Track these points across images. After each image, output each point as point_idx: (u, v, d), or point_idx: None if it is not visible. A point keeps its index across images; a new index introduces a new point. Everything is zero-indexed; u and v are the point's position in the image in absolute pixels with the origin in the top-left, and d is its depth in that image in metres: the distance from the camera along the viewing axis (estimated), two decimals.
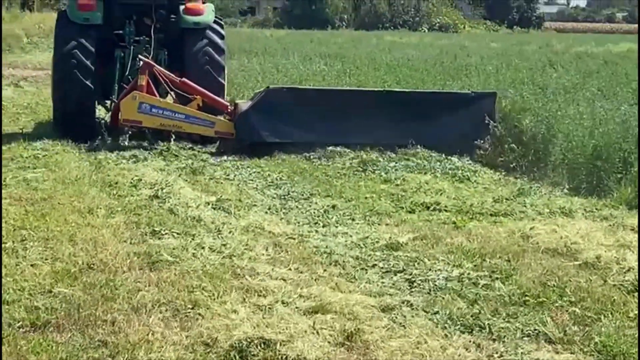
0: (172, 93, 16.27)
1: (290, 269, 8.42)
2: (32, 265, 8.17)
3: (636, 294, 7.93)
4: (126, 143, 15.23)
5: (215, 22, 16.87)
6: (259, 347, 6.38)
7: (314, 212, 10.92)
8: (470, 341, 6.78)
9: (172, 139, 15.31)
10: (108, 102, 16.92)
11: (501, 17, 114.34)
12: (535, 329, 6.97)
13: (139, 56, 15.78)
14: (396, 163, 14.17)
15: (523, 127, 14.54)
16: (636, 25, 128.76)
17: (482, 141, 15.02)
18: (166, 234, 9.48)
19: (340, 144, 15.09)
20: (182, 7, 16.69)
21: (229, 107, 15.92)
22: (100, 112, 17.65)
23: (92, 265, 8.23)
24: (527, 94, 16.61)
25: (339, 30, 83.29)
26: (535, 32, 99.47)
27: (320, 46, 40.65)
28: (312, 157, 14.66)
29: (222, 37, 16.77)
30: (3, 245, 8.77)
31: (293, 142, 15.11)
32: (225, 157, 14.56)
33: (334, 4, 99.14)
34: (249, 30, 71.46)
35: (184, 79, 15.77)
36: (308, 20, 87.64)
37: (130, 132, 15.49)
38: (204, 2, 17.15)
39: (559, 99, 16.46)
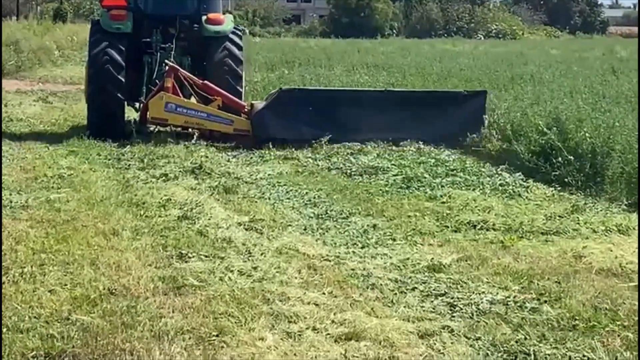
0: (195, 94, 18.36)
1: (323, 293, 8.37)
2: (50, 291, 8.18)
3: None
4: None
5: (234, 29, 19.54)
6: None
7: (353, 232, 10.86)
8: None
9: (195, 136, 17.79)
10: (137, 103, 19.16)
11: (562, 22, 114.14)
12: (584, 356, 6.90)
13: (165, 61, 18.35)
14: (442, 179, 14.13)
15: (578, 138, 14.40)
16: None
17: (474, 134, 17.15)
18: (194, 256, 9.47)
19: (349, 139, 17.25)
20: (204, 18, 19.34)
21: (246, 107, 18.33)
22: (130, 114, 19.66)
23: (113, 291, 8.24)
24: (583, 104, 16.52)
25: (389, 38, 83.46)
26: (599, 38, 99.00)
27: (367, 56, 40.71)
28: (353, 173, 14.70)
29: (240, 43, 19.36)
30: (22, 270, 8.81)
31: (304, 138, 17.33)
32: (260, 176, 14.55)
33: (384, 11, 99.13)
34: (292, 40, 71.89)
35: (205, 82, 18.28)
36: (356, 29, 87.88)
37: (156, 130, 18.19)
38: (224, 13, 20.00)
39: (618, 108, 16.33)
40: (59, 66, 42.64)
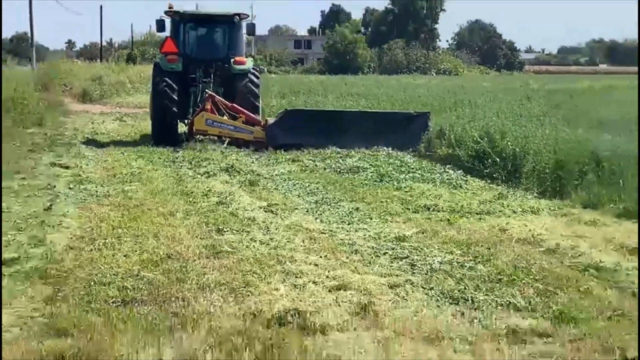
0: (226, 113, 18.70)
1: (320, 257, 8.36)
2: (124, 256, 8.19)
3: (587, 272, 7.83)
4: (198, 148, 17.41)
5: (253, 68, 20.21)
6: (293, 316, 6.36)
7: (341, 213, 10.83)
8: (456, 310, 6.72)
9: (225, 142, 18.03)
10: (186, 120, 19.50)
11: (491, 62, 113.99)
12: (507, 300, 6.90)
13: (206, 90, 18.97)
14: (405, 175, 14.09)
15: (503, 145, 14.41)
16: (596, 67, 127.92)
17: (422, 141, 17.45)
18: (227, 231, 9.46)
19: (336, 145, 17.39)
20: (232, 60, 19.90)
21: (262, 122, 18.75)
22: (181, 128, 19.81)
23: (170, 255, 8.23)
24: (506, 121, 16.52)
25: (367, 75, 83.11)
26: (517, 74, 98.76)
27: (351, 87, 40.51)
28: (341, 171, 14.67)
29: (257, 78, 19.99)
30: (104, 241, 8.80)
31: (303, 144, 17.57)
32: (275, 173, 14.52)
33: (363, 55, 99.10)
34: (298, 76, 71.65)
35: (233, 104, 18.76)
36: (344, 68, 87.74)
37: (201, 140, 18.16)
38: (246, 57, 20.66)
39: (530, 124, 16.32)
40: (131, 95, 42.58)
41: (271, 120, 18.97)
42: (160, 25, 20.69)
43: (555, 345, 5.94)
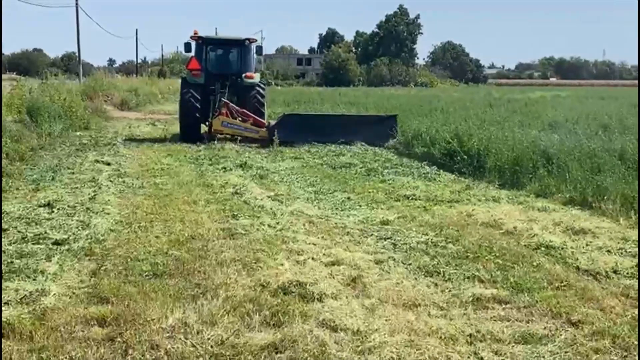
0: (238, 117, 19.29)
1: (318, 238, 8.34)
2: (156, 237, 8.17)
3: (539, 250, 7.81)
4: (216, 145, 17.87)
5: (260, 82, 20.80)
6: (296, 287, 6.34)
7: (336, 202, 10.79)
8: (431, 282, 6.70)
9: (238, 140, 18.51)
10: (207, 122, 19.72)
11: (460, 76, 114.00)
12: (472, 274, 6.88)
13: (222, 99, 19.44)
14: (389, 170, 14.04)
15: (470, 145, 14.38)
16: (547, 80, 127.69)
17: (391, 139, 18.12)
18: (241, 216, 9.41)
19: (324, 142, 17.97)
20: (243, 75, 20.46)
21: (266, 124, 19.30)
22: (203, 128, 19.83)
23: (194, 237, 8.22)
24: (472, 125, 16.48)
25: (357, 87, 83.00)
26: (482, 86, 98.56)
27: (344, 97, 40.47)
28: (336, 167, 14.63)
29: (264, 89, 20.60)
30: (139, 224, 8.78)
31: (298, 140, 18.03)
32: (280, 168, 14.47)
33: (354, 70, 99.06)
34: (300, 88, 71.44)
35: (244, 110, 19.40)
36: (337, 81, 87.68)
37: (218, 139, 18.52)
38: (256, 72, 21.25)
39: (492, 127, 16.28)
40: (161, 104, 42.46)
41: (273, 121, 19.65)
42: (187, 47, 21.48)
43: (512, 311, 5.93)
